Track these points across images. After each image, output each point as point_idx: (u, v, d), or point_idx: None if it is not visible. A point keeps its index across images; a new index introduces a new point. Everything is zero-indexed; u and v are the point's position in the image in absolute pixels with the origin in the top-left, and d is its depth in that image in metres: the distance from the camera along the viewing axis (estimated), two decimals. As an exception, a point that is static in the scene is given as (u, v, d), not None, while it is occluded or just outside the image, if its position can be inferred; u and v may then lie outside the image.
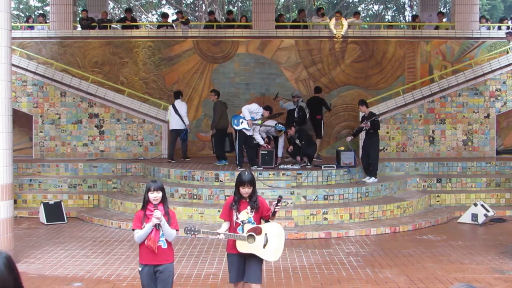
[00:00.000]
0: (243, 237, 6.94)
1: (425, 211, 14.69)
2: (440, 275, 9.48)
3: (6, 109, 9.95)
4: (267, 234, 7.06)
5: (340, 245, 11.63)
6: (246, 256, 7.04)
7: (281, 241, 7.23)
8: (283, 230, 7.32)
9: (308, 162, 15.48)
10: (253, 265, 7.08)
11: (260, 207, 7.06)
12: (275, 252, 7.21)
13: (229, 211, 7.12)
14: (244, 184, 6.98)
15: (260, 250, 7.03)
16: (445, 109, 18.35)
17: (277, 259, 7.49)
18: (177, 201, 13.78)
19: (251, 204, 7.01)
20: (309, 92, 19.95)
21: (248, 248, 6.97)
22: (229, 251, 7.20)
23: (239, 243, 6.95)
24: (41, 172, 16.64)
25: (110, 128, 18.11)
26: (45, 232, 12.96)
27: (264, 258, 7.13)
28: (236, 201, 7.06)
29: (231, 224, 7.05)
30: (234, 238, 6.97)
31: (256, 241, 7.00)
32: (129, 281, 9.25)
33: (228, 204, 7.17)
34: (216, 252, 11.07)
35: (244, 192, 6.97)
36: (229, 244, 7.16)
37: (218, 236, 6.97)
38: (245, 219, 7.01)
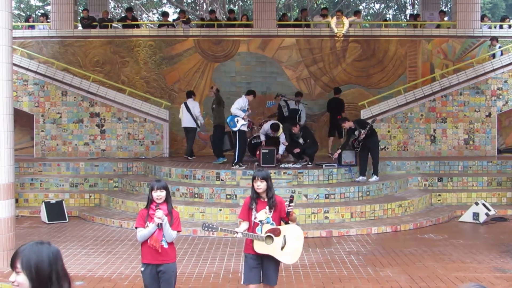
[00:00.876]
0: (261, 238, 6.87)
1: (426, 210, 14.68)
2: (442, 274, 9.48)
3: (7, 109, 9.95)
4: (286, 236, 7.00)
5: (341, 244, 11.63)
6: (264, 257, 6.98)
7: (299, 244, 7.16)
8: (302, 233, 7.25)
9: (309, 161, 15.47)
10: (272, 266, 7.04)
11: (278, 206, 7.01)
12: (293, 255, 7.13)
13: (248, 211, 7.06)
14: (256, 178, 6.96)
15: (278, 252, 6.96)
16: (447, 108, 18.35)
17: (295, 262, 7.45)
18: (178, 200, 13.78)
19: (268, 202, 6.99)
20: (310, 91, 19.97)
21: (266, 249, 6.90)
22: (247, 251, 7.12)
23: (257, 244, 6.89)
24: (42, 171, 16.65)
25: (111, 127, 18.13)
26: (47, 231, 12.97)
27: (281, 261, 7.05)
28: (253, 199, 7.04)
29: (249, 224, 7.03)
30: (251, 238, 6.90)
31: (274, 242, 6.93)
32: (130, 279, 9.26)
33: (246, 203, 7.14)
34: (217, 251, 11.07)
35: (257, 187, 6.92)
36: (247, 244, 7.10)
37: (235, 235, 6.92)
38: (263, 219, 6.96)
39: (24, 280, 3.14)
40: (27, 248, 3.20)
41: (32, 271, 3.14)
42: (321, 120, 20.02)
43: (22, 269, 3.14)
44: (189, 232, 12.30)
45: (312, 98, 19.97)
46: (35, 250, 3.19)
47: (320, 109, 20.03)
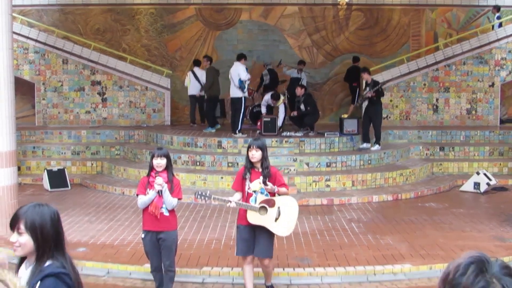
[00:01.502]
0: (255, 208, 6.78)
1: (427, 179, 14.70)
2: (442, 243, 9.53)
3: (8, 77, 9.91)
4: (280, 208, 6.89)
5: (342, 212, 11.68)
6: (257, 229, 6.89)
7: (294, 216, 7.07)
8: (297, 205, 7.18)
9: (310, 130, 15.45)
10: (264, 239, 6.94)
11: (273, 177, 6.90)
12: (287, 227, 7.03)
13: (241, 181, 6.97)
14: (251, 146, 6.86)
15: (272, 224, 6.86)
16: (450, 77, 18.25)
17: (289, 234, 7.39)
18: (180, 167, 13.80)
19: (263, 173, 6.88)
20: (312, 60, 19.87)
21: (259, 220, 6.80)
22: (240, 222, 7.06)
23: (250, 214, 6.80)
24: (44, 139, 16.65)
25: (112, 95, 18.08)
26: (49, 198, 13.02)
27: (275, 232, 6.95)
28: (248, 169, 6.94)
29: (243, 194, 6.93)
30: (245, 208, 6.82)
31: (268, 213, 6.83)
32: (132, 246, 9.32)
33: (240, 173, 7.06)
34: (219, 218, 11.13)
35: (251, 156, 6.83)
36: (240, 215, 7.03)
37: (229, 204, 6.84)
38: (257, 189, 6.87)
39: (28, 241, 3.22)
40: (29, 210, 3.25)
41: (37, 232, 3.21)
42: (323, 89, 19.95)
43: (26, 230, 3.21)
44: (190, 199, 12.33)
45: (315, 67, 19.87)
46: (38, 211, 3.25)
47: (322, 78, 19.96)
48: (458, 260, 1.86)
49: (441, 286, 1.86)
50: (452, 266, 1.85)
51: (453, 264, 1.86)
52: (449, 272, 1.85)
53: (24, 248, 3.25)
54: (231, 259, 8.65)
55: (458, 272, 1.81)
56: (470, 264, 1.82)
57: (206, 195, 6.91)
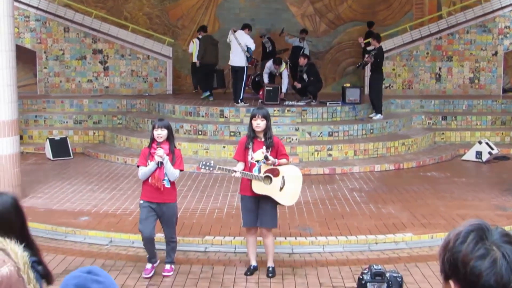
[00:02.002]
0: (259, 178, 6.75)
1: (429, 148, 14.71)
2: (443, 211, 9.57)
3: (9, 45, 9.87)
4: (285, 177, 6.89)
5: (344, 181, 11.71)
6: (261, 199, 6.88)
7: (298, 185, 7.06)
8: (301, 174, 7.17)
9: (313, 99, 15.40)
10: (268, 209, 6.94)
11: (275, 147, 6.87)
12: (292, 196, 7.04)
13: (243, 151, 6.92)
14: (256, 115, 6.81)
15: (276, 193, 6.85)
16: (453, 46, 18.13)
17: (293, 203, 7.40)
18: (182, 137, 13.81)
19: (266, 142, 6.84)
20: (315, 28, 19.73)
21: (264, 190, 6.78)
22: (243, 193, 7.05)
23: (255, 184, 6.77)
24: (46, 108, 16.64)
25: (114, 64, 18.01)
26: (52, 167, 13.06)
27: (280, 202, 6.95)
28: (250, 138, 6.89)
29: (245, 164, 6.88)
30: (250, 177, 6.78)
31: (272, 183, 6.82)
32: (135, 215, 9.36)
33: (242, 143, 7.00)
34: (221, 187, 11.17)
35: (255, 125, 6.78)
36: (243, 186, 7.00)
37: (233, 174, 6.80)
38: (260, 159, 6.83)
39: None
40: None
41: (2, 222, 3.10)
42: (325, 58, 19.85)
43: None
44: (192, 169, 12.37)
45: (317, 35, 19.74)
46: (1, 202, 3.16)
47: (325, 46, 19.84)
48: (458, 228, 1.87)
49: (442, 254, 1.87)
50: (453, 234, 1.86)
51: (453, 232, 1.87)
52: (449, 240, 1.86)
53: None
54: (233, 228, 8.70)
55: (458, 240, 1.83)
56: (470, 232, 1.83)
57: (210, 165, 6.89)
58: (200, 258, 7.93)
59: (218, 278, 7.22)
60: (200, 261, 7.80)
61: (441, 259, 1.88)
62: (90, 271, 2.21)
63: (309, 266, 7.65)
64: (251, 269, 7.26)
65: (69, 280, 2.19)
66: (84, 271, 2.20)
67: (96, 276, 2.18)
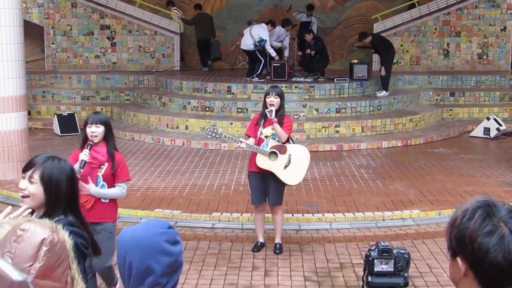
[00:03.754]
0: (265, 152, 6.74)
1: (437, 124, 14.67)
2: (450, 188, 9.58)
3: (17, 20, 9.86)
4: (291, 156, 6.86)
5: (351, 158, 11.72)
6: (267, 177, 6.89)
7: (304, 165, 7.03)
8: (309, 154, 7.14)
9: (320, 75, 15.34)
10: (275, 186, 6.94)
11: (285, 124, 6.86)
12: (296, 175, 7.00)
13: (254, 127, 6.95)
14: (270, 93, 6.82)
15: (280, 170, 6.82)
16: (461, 21, 17.99)
17: (297, 183, 7.36)
18: (189, 113, 13.82)
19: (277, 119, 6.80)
20: (322, 4, 19.60)
21: (268, 165, 6.76)
22: (251, 169, 7.05)
23: (260, 158, 6.76)
24: (54, 84, 16.65)
25: (121, 39, 17.96)
26: (60, 143, 13.11)
27: (283, 180, 6.90)
28: (263, 115, 6.87)
29: (255, 140, 6.90)
30: (255, 150, 6.79)
31: (278, 159, 6.79)
32: (142, 191, 9.42)
33: (255, 119, 7.05)
34: (228, 164, 11.19)
35: (269, 102, 6.77)
36: (251, 162, 7.01)
37: (239, 144, 6.77)
38: (269, 135, 6.84)
39: (39, 192, 3.10)
40: (48, 162, 3.14)
41: (52, 186, 3.09)
42: (333, 34, 19.73)
43: (41, 181, 3.09)
44: (200, 145, 12.39)
45: (325, 11, 19.61)
46: (57, 165, 3.14)
47: (333, 22, 19.72)
48: (466, 205, 1.87)
49: (449, 231, 1.88)
50: (460, 210, 1.87)
51: (460, 209, 1.88)
52: (457, 217, 1.87)
53: (34, 199, 3.11)
54: (240, 205, 8.74)
55: (465, 217, 1.83)
56: (477, 208, 1.84)
57: (217, 132, 6.84)
58: (207, 235, 7.98)
59: (226, 254, 7.27)
60: (207, 237, 7.86)
61: (448, 236, 1.89)
62: (169, 225, 2.40)
63: (316, 242, 7.70)
64: (258, 245, 7.31)
65: (156, 237, 2.30)
66: (165, 226, 2.37)
67: (175, 229, 2.41)
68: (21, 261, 1.77)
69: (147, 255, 2.27)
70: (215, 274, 6.74)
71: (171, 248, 2.30)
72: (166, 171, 10.61)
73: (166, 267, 2.28)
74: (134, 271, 2.28)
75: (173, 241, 2.33)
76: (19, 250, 1.78)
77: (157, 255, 2.27)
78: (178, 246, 2.35)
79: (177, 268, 2.34)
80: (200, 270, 6.83)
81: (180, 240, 2.37)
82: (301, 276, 6.72)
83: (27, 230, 1.81)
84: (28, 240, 1.80)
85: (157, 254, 2.27)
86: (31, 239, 1.81)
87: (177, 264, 2.34)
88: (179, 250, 2.35)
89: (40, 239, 1.82)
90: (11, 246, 1.78)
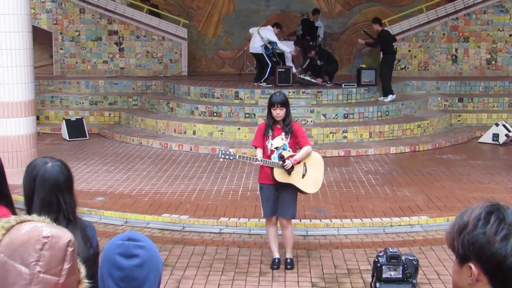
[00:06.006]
0: (281, 165, 6.57)
1: (445, 130, 14.63)
2: (459, 194, 9.54)
3: (25, 26, 9.90)
4: (306, 164, 6.72)
5: (359, 164, 11.69)
6: (280, 188, 6.70)
7: (320, 171, 6.89)
8: (322, 160, 7.00)
9: (328, 80, 15.32)
10: (287, 198, 6.77)
11: (294, 132, 6.68)
12: (315, 183, 6.86)
13: (262, 138, 6.72)
14: (275, 105, 6.56)
15: (299, 181, 6.68)
16: (469, 27, 17.94)
17: (317, 191, 7.19)
18: (197, 118, 13.84)
19: (284, 129, 6.64)
20: (330, 9, 19.60)
21: (286, 178, 6.60)
22: (262, 181, 6.83)
23: (277, 172, 6.58)
24: (62, 89, 16.70)
25: (129, 45, 18.00)
26: (68, 148, 13.14)
27: (303, 190, 6.77)
28: (269, 125, 6.68)
29: (264, 151, 6.70)
30: (271, 165, 6.58)
31: (294, 170, 6.63)
32: (150, 196, 9.42)
33: (261, 130, 6.77)
34: (235, 169, 11.18)
35: (276, 114, 6.56)
36: (263, 174, 6.80)
37: (255, 162, 6.58)
38: (280, 146, 6.66)
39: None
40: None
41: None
42: (341, 39, 19.73)
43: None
44: (207, 150, 12.40)
45: (332, 17, 19.61)
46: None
47: (340, 28, 19.71)
48: (474, 210, 1.85)
49: (457, 237, 1.85)
50: (471, 216, 1.84)
51: (469, 215, 1.85)
52: (467, 223, 1.84)
53: None
54: (248, 210, 8.73)
55: (479, 222, 1.81)
56: (490, 213, 1.82)
57: (230, 154, 6.63)
58: (215, 240, 7.97)
59: (233, 259, 7.26)
60: (215, 243, 7.85)
61: (458, 242, 1.86)
62: (130, 237, 2.19)
63: (324, 248, 7.67)
64: (276, 262, 6.99)
65: (111, 250, 2.19)
66: (124, 239, 2.19)
67: (137, 241, 2.18)
68: (52, 266, 1.84)
69: (102, 267, 2.20)
70: (222, 279, 6.73)
71: (122, 262, 2.14)
72: (173, 176, 10.62)
73: (118, 281, 2.15)
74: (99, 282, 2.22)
75: (127, 254, 2.15)
76: (49, 257, 1.84)
77: (110, 268, 2.17)
78: (132, 260, 2.14)
79: (137, 285, 2.16)
80: (208, 275, 6.82)
81: (138, 253, 2.15)
82: (309, 282, 6.69)
83: (51, 236, 1.87)
84: (56, 246, 1.86)
85: (109, 267, 2.17)
86: (58, 244, 1.87)
87: (134, 280, 2.16)
88: (134, 264, 2.14)
89: (65, 242, 1.88)
90: (39, 255, 1.83)
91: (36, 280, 1.81)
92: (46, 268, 1.84)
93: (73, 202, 3.34)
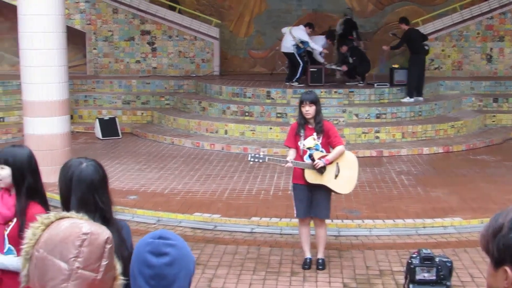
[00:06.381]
0: (312, 166, 6.51)
1: (480, 131, 14.44)
2: (494, 196, 9.41)
3: (60, 26, 10.03)
4: (339, 164, 6.63)
5: (391, 164, 11.60)
6: (314, 188, 6.64)
7: (354, 171, 6.81)
8: (356, 159, 6.90)
9: (361, 80, 15.24)
10: (321, 199, 6.70)
11: (326, 131, 6.60)
12: (348, 183, 6.77)
13: (294, 138, 6.67)
14: (304, 102, 6.53)
15: (331, 182, 6.60)
16: (504, 26, 17.67)
17: (350, 191, 7.11)
18: (229, 118, 13.86)
19: (316, 127, 6.58)
20: (363, 9, 19.47)
21: (318, 179, 6.54)
22: (296, 181, 6.78)
23: (308, 173, 6.52)
24: (95, 89, 16.87)
25: (162, 45, 18.11)
26: (101, 146, 13.27)
27: (336, 190, 6.72)
28: (301, 125, 6.63)
29: (297, 151, 6.64)
30: (302, 167, 6.53)
31: (326, 171, 6.56)
32: (182, 195, 9.47)
33: (293, 129, 6.73)
34: (267, 168, 11.16)
35: (305, 112, 6.51)
36: (296, 174, 6.74)
37: (285, 164, 6.55)
38: (312, 146, 6.58)
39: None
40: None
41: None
42: (373, 38, 19.59)
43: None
44: (239, 149, 12.41)
45: (365, 16, 19.49)
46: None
47: (372, 27, 19.57)
48: (510, 213, 1.82)
49: (492, 240, 1.83)
50: (506, 218, 1.81)
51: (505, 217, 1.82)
52: (502, 225, 1.81)
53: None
54: (279, 210, 8.72)
55: None
56: None
57: (259, 157, 6.62)
58: (246, 239, 7.98)
59: (264, 259, 7.26)
60: (246, 242, 7.86)
61: (493, 245, 1.83)
62: (161, 235, 2.20)
63: (356, 249, 7.63)
64: (307, 262, 6.97)
65: (142, 247, 2.20)
66: (155, 237, 2.20)
67: (167, 240, 2.19)
68: (91, 262, 1.89)
69: (133, 265, 2.21)
70: (253, 279, 6.73)
71: (152, 260, 2.15)
72: (205, 175, 10.65)
73: (149, 279, 2.16)
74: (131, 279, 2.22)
75: (157, 252, 2.16)
76: (88, 253, 1.89)
77: (140, 266, 2.18)
78: (162, 258, 2.16)
79: (168, 284, 2.17)
80: (239, 274, 6.83)
81: (169, 252, 2.16)
82: (340, 282, 6.66)
83: (91, 233, 1.92)
84: (95, 242, 1.91)
85: (140, 265, 2.18)
86: (97, 241, 1.92)
87: (165, 279, 2.17)
88: (164, 262, 2.16)
89: (104, 238, 1.93)
90: (78, 251, 1.87)
91: (75, 275, 1.85)
92: (84, 264, 1.87)
93: (109, 201, 3.36)
